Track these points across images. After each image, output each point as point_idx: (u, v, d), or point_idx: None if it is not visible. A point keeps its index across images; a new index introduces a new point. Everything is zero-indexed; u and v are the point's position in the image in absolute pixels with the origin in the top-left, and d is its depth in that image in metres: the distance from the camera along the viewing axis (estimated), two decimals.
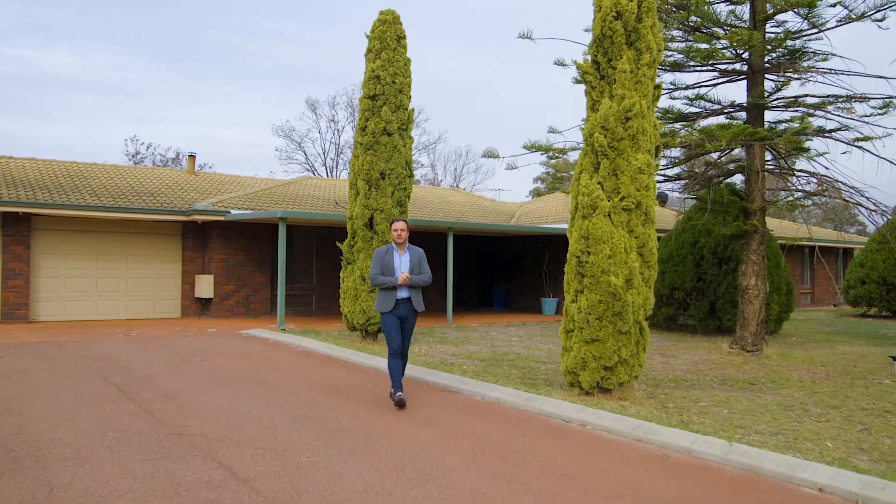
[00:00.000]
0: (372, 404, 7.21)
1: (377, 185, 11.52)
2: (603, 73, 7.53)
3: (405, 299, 7.21)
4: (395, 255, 7.24)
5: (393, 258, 7.21)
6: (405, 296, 7.20)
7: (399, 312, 7.20)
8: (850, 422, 6.59)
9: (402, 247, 7.31)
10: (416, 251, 7.40)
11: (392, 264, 7.17)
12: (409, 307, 7.25)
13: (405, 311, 7.23)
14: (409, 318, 7.29)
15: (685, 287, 15.13)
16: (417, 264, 7.27)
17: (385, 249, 7.28)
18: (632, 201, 7.19)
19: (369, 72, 11.65)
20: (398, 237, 7.26)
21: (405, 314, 7.23)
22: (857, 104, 10.67)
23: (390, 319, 7.20)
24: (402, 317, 7.23)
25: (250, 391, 7.76)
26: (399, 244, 7.29)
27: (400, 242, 7.28)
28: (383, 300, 7.20)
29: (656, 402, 7.36)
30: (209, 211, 16.45)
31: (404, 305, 7.21)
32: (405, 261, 7.25)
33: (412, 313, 7.31)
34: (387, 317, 7.21)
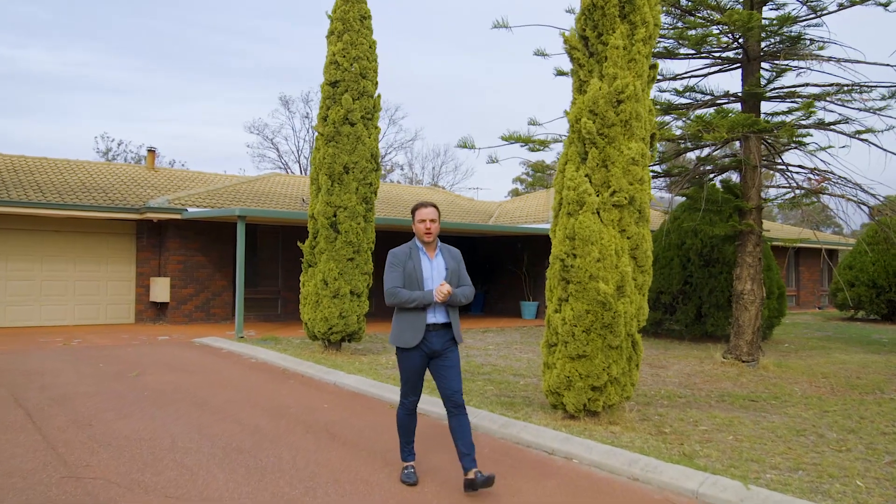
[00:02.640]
0: (322, 432, 6.18)
1: (340, 181, 10.49)
2: (592, 50, 6.58)
3: (440, 326, 4.77)
4: (422, 260, 4.85)
5: (420, 264, 4.83)
6: (441, 320, 4.77)
7: (430, 346, 4.75)
8: (875, 451, 5.70)
9: (433, 247, 4.92)
10: (453, 253, 5.02)
11: (419, 274, 4.79)
12: (447, 337, 4.81)
13: (440, 344, 4.77)
14: (449, 354, 4.81)
15: (672, 291, 14.29)
16: (456, 273, 4.89)
17: (405, 251, 4.89)
18: (624, 196, 6.24)
19: (330, 55, 10.61)
20: (426, 232, 4.83)
21: (440, 348, 4.78)
22: (860, 94, 9.85)
23: (414, 359, 4.77)
24: (436, 353, 4.78)
25: (183, 415, 6.70)
26: (427, 243, 4.89)
27: (429, 241, 4.87)
28: (406, 328, 4.76)
29: (651, 426, 6.43)
30: (164, 209, 15.28)
31: (439, 335, 4.76)
32: (438, 267, 4.87)
33: (451, 346, 4.83)
34: (409, 355, 4.77)
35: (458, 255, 5.07)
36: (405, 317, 4.79)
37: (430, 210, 4.88)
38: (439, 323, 4.79)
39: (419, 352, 4.76)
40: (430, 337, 4.75)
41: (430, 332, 4.75)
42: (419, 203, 4.92)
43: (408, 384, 4.88)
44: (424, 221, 4.84)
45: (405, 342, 4.75)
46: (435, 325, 4.77)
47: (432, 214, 4.86)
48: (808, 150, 10.41)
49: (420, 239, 4.89)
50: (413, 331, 4.73)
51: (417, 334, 4.71)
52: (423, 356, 4.77)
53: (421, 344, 4.73)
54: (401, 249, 4.90)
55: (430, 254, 4.90)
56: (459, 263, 4.99)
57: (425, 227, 4.83)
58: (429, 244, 4.89)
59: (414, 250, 4.89)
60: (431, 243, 4.90)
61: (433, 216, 4.85)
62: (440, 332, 4.79)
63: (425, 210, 4.87)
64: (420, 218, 4.86)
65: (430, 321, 4.76)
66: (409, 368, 4.81)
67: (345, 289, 10.35)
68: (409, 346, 4.73)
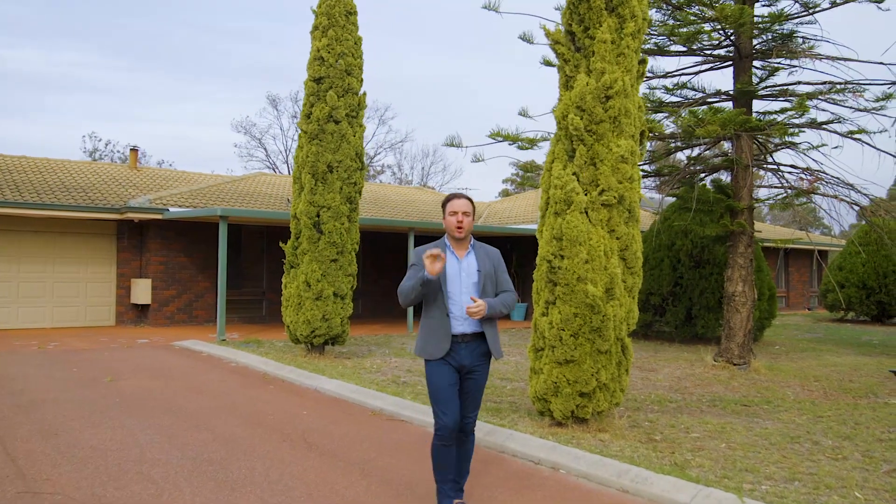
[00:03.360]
0: (299, 441, 5.92)
1: (324, 180, 10.22)
2: (579, 45, 6.36)
3: (471, 336, 4.14)
4: (449, 259, 4.17)
5: (446, 265, 4.15)
6: (471, 329, 4.14)
7: (458, 360, 4.11)
8: (872, 459, 5.50)
9: (464, 245, 4.23)
10: (489, 253, 4.33)
11: (442, 275, 4.10)
12: (479, 350, 4.18)
13: (469, 358, 4.14)
14: (478, 370, 4.20)
15: (661, 292, 14.11)
16: (491, 276, 4.24)
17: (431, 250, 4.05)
18: (613, 195, 6.02)
19: (314, 51, 10.34)
20: (458, 226, 4.15)
21: (470, 363, 4.14)
22: (852, 93, 9.69)
23: (442, 372, 4.08)
24: (464, 368, 4.14)
25: (155, 423, 6.42)
26: (458, 240, 4.20)
27: (460, 237, 4.18)
28: (429, 337, 4.13)
29: (641, 433, 6.21)
30: (146, 208, 14.95)
31: (469, 348, 4.14)
32: (468, 269, 4.20)
33: (482, 362, 4.22)
34: (437, 368, 4.10)
35: (497, 255, 4.33)
36: (428, 323, 4.15)
37: (463, 202, 4.18)
38: (468, 333, 4.11)
39: (446, 365, 4.08)
40: (459, 349, 4.10)
41: (459, 343, 4.10)
42: (451, 194, 4.29)
43: (439, 402, 4.07)
44: (456, 214, 4.15)
45: (429, 353, 4.11)
46: (464, 335, 4.10)
47: (465, 206, 4.16)
48: (800, 149, 10.25)
49: (450, 234, 4.19)
50: (437, 340, 4.08)
51: (442, 345, 4.07)
52: (451, 369, 4.09)
53: (447, 356, 4.08)
54: (424, 247, 4.14)
55: (459, 252, 4.19)
56: (497, 265, 4.28)
57: (457, 221, 4.13)
58: (460, 241, 4.20)
59: (440, 248, 4.14)
60: (463, 241, 4.21)
61: (466, 208, 4.16)
62: (471, 344, 4.13)
63: (458, 202, 4.18)
64: (451, 210, 4.18)
65: (458, 330, 4.09)
66: (438, 383, 4.07)
67: (328, 291, 10.08)
68: (434, 357, 4.08)
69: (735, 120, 8.55)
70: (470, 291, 4.13)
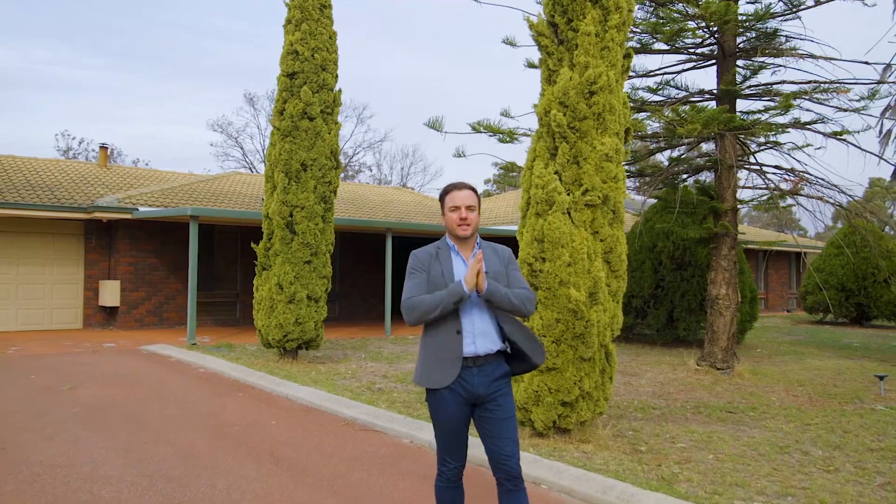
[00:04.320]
0: (266, 455, 5.58)
1: (298, 178, 9.86)
2: (562, 38, 6.08)
3: (484, 359, 3.30)
4: (455, 262, 3.41)
5: (452, 267, 3.39)
6: (485, 349, 3.30)
7: (470, 388, 3.27)
8: (864, 471, 5.29)
9: (469, 245, 3.44)
10: (499, 252, 3.53)
11: (449, 281, 3.34)
12: (496, 374, 3.32)
13: (484, 385, 3.28)
14: (499, 395, 3.31)
15: (643, 294, 13.93)
16: (503, 277, 3.43)
17: (430, 252, 3.45)
18: (597, 195, 5.76)
19: (287, 46, 9.98)
20: (461, 223, 3.37)
21: (485, 391, 3.28)
22: (835, 93, 9.54)
23: (448, 405, 3.28)
24: (480, 398, 3.29)
25: (112, 435, 6.04)
26: (463, 240, 3.41)
27: (465, 236, 3.39)
28: (432, 360, 3.32)
29: (626, 443, 5.95)
30: (114, 208, 14.46)
31: (483, 372, 3.28)
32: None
33: (502, 387, 3.34)
34: (441, 399, 3.29)
35: (508, 253, 3.54)
36: (431, 342, 3.30)
37: (466, 193, 3.38)
38: (482, 355, 3.27)
39: (454, 395, 3.25)
40: (469, 375, 3.25)
41: (469, 367, 3.25)
42: (450, 185, 3.46)
43: (443, 443, 3.33)
44: (458, 209, 3.35)
45: (436, 380, 3.26)
46: (476, 358, 3.26)
47: (469, 199, 3.37)
48: (783, 150, 10.08)
49: (452, 233, 3.40)
50: (444, 364, 3.25)
51: (450, 369, 3.23)
52: (460, 401, 3.25)
53: (456, 382, 3.24)
54: (423, 250, 3.45)
55: (464, 254, 3.41)
56: (508, 265, 3.49)
57: (459, 217, 3.35)
58: (465, 241, 3.40)
59: (443, 250, 3.42)
60: (468, 240, 3.40)
61: (470, 201, 3.36)
62: (485, 367, 3.27)
63: (459, 193, 3.38)
64: (452, 204, 3.37)
65: (469, 351, 3.25)
66: (444, 423, 3.29)
67: (301, 293, 9.73)
68: (439, 385, 3.26)
69: (718, 118, 8.34)
70: (481, 300, 3.31)
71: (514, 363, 3.43)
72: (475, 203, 3.42)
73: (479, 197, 3.47)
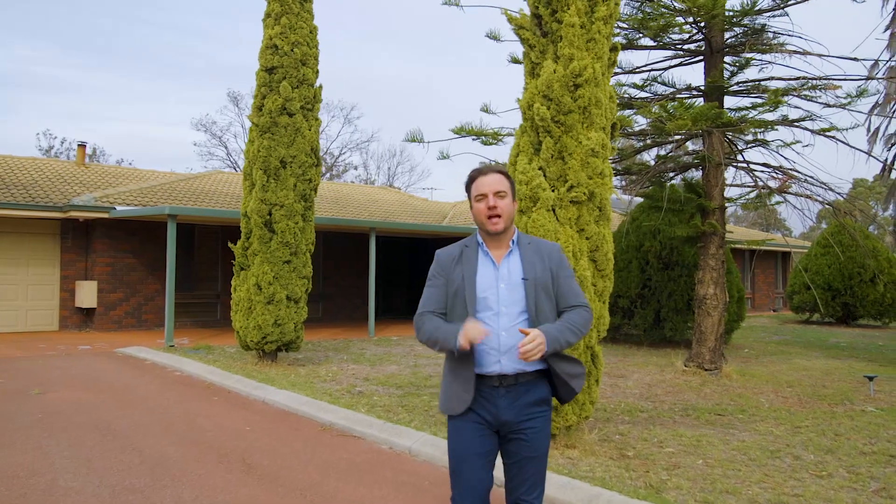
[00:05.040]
0: (238, 462, 5.33)
1: (277, 176, 9.60)
2: (546, 29, 5.88)
3: (514, 378, 2.74)
4: (481, 265, 2.81)
5: (476, 271, 2.79)
6: (514, 368, 2.72)
7: (496, 413, 2.74)
8: (858, 476, 5.12)
9: (503, 242, 2.83)
10: (543, 250, 2.86)
11: (471, 289, 2.76)
12: (532, 397, 2.77)
13: (513, 410, 2.74)
14: (530, 426, 2.75)
15: (630, 294, 13.77)
16: (545, 286, 2.78)
17: (453, 253, 2.87)
18: (583, 192, 5.56)
19: (266, 40, 9.71)
20: (490, 214, 2.76)
21: (515, 416, 2.74)
22: (824, 90, 9.41)
23: (466, 434, 2.76)
24: (507, 425, 2.76)
25: (77, 443, 5.77)
26: (494, 235, 2.80)
27: (496, 230, 2.78)
28: (451, 384, 2.80)
29: (612, 448, 5.75)
30: (90, 207, 14.12)
31: (512, 395, 2.74)
32: (510, 276, 2.78)
33: (536, 414, 2.78)
34: (459, 425, 2.79)
35: (556, 252, 2.85)
36: (449, 362, 2.80)
37: (495, 178, 2.77)
38: (510, 374, 2.70)
39: (473, 422, 2.71)
40: (496, 398, 2.70)
41: (495, 388, 2.70)
42: (475, 170, 2.83)
43: (453, 476, 2.77)
44: (485, 198, 2.74)
45: (451, 408, 2.76)
46: (503, 377, 2.70)
47: (497, 184, 2.76)
48: (771, 147, 9.95)
49: (482, 227, 2.79)
50: (457, 387, 2.73)
51: (462, 394, 2.71)
52: (480, 429, 2.71)
53: (477, 408, 2.72)
54: (446, 251, 2.86)
55: (496, 253, 2.79)
56: (558, 268, 2.81)
57: (487, 208, 2.73)
58: (497, 237, 2.78)
59: (469, 250, 2.81)
60: (502, 236, 2.78)
61: (500, 186, 2.75)
62: (515, 389, 2.71)
63: (486, 179, 2.77)
64: (478, 192, 2.77)
65: (493, 370, 2.69)
66: (459, 452, 2.74)
67: (280, 294, 9.47)
68: (456, 411, 2.73)
69: (707, 115, 8.18)
70: (513, 313, 2.68)
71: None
72: (507, 188, 2.77)
73: (511, 181, 2.84)
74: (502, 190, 2.78)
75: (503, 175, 2.82)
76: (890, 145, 10.97)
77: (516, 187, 5.57)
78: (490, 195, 2.76)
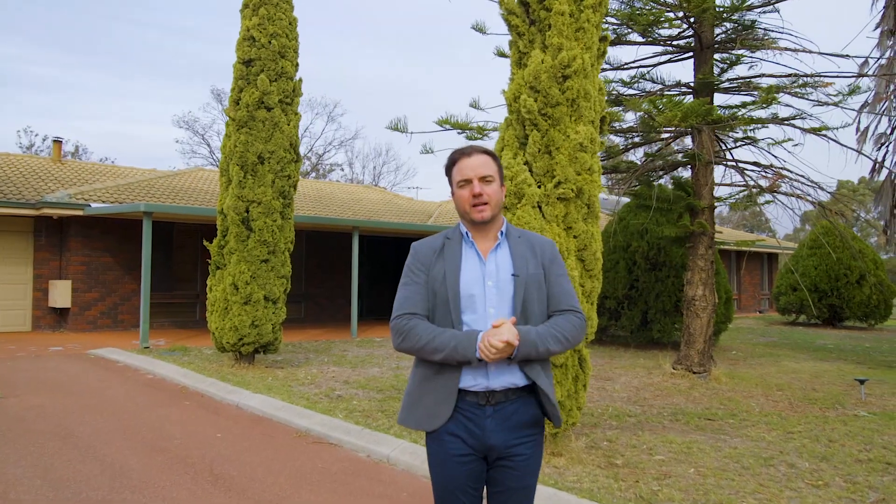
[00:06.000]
0: (205, 472, 5.03)
1: (254, 172, 9.28)
2: (533, 18, 5.62)
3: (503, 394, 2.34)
4: (465, 259, 2.42)
5: (459, 267, 2.40)
6: (502, 383, 2.33)
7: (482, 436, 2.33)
8: (856, 485, 4.90)
9: (490, 233, 2.45)
10: (535, 245, 2.49)
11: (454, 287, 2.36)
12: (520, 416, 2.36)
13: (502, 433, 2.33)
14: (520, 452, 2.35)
15: (617, 295, 13.56)
16: (539, 284, 2.42)
17: (433, 245, 2.47)
18: (571, 188, 5.30)
19: (244, 31, 9.38)
20: (475, 202, 2.40)
21: (503, 441, 2.33)
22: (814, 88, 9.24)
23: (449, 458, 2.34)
24: (494, 450, 2.34)
25: (36, 451, 5.43)
26: (480, 225, 2.43)
27: (482, 220, 2.41)
28: (421, 392, 2.39)
29: (600, 456, 5.50)
30: (64, 204, 13.70)
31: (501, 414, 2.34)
32: (499, 273, 2.40)
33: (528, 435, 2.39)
34: (440, 447, 2.36)
35: (550, 249, 2.50)
36: (423, 369, 2.39)
37: (480, 160, 2.42)
38: (496, 390, 2.32)
39: (456, 440, 2.32)
40: (479, 417, 2.32)
41: (481, 406, 2.32)
42: (457, 151, 2.46)
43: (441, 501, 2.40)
44: (469, 183, 2.40)
45: (416, 421, 2.37)
46: (491, 393, 2.32)
47: (484, 167, 2.41)
48: (760, 145, 9.76)
49: (466, 217, 2.43)
50: (433, 399, 2.34)
51: (440, 407, 2.32)
52: (467, 460, 2.33)
53: (458, 428, 2.32)
54: (426, 243, 2.48)
55: (482, 246, 2.43)
56: (550, 265, 2.45)
57: (471, 195, 2.39)
58: (483, 228, 2.43)
59: (452, 242, 2.44)
60: (489, 227, 2.44)
61: (486, 170, 2.41)
62: (505, 407, 2.33)
63: (469, 161, 2.42)
64: (461, 176, 2.42)
65: (480, 386, 2.31)
66: (437, 475, 2.38)
67: (258, 294, 9.15)
68: (426, 429, 2.36)
69: (698, 111, 7.96)
70: (501, 315, 2.33)
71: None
72: (494, 172, 2.42)
73: (499, 163, 2.47)
74: (489, 174, 2.41)
75: (490, 156, 2.45)
76: (879, 145, 10.83)
77: None
78: (475, 180, 2.40)
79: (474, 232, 2.46)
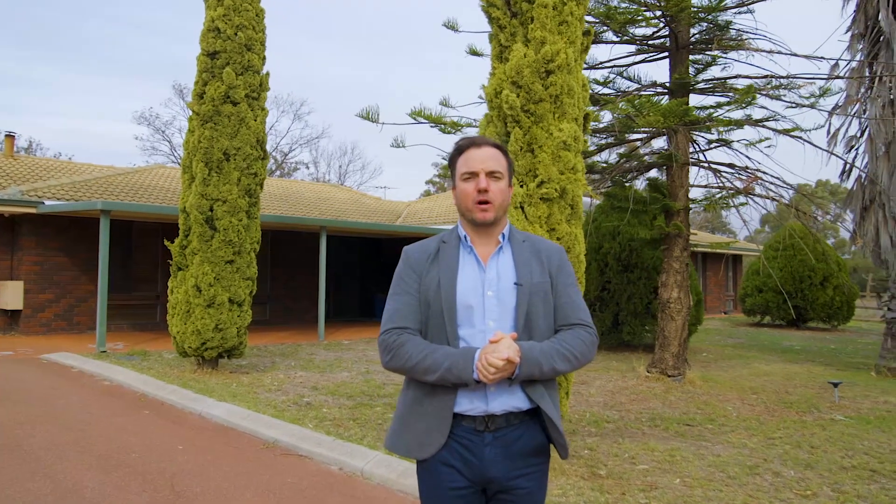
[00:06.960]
0: (165, 489, 4.68)
1: (219, 169, 8.89)
2: (515, 10, 5.40)
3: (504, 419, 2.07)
4: (463, 265, 2.15)
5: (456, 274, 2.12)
6: (504, 406, 2.06)
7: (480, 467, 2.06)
8: (845, 495, 4.78)
9: (492, 236, 2.18)
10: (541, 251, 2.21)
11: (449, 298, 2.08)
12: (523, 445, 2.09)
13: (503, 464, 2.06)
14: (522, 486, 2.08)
15: (589, 297, 13.44)
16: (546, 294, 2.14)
17: (427, 249, 2.20)
18: (554, 188, 5.09)
19: (208, 22, 8.99)
20: (479, 199, 2.12)
21: (505, 473, 2.06)
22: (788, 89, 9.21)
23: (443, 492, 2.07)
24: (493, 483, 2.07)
25: None
26: (483, 227, 2.16)
27: (485, 220, 2.13)
28: (412, 415, 2.12)
29: (583, 466, 5.30)
30: (16, 201, 13.08)
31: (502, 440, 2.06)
32: (500, 281, 2.12)
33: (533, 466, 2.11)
34: (432, 478, 2.09)
35: (558, 255, 2.23)
36: (413, 391, 2.14)
37: (489, 152, 2.16)
38: (496, 415, 2.06)
39: (451, 470, 2.06)
40: (477, 445, 2.06)
41: (479, 432, 2.07)
42: (466, 139, 2.21)
43: None
44: (476, 176, 2.13)
45: (405, 447, 2.12)
46: (491, 417, 2.06)
47: (493, 161, 2.15)
48: (734, 147, 9.72)
49: (467, 215, 2.17)
50: (425, 423, 2.09)
51: (432, 434, 2.06)
52: (459, 482, 2.07)
53: (448, 454, 2.07)
54: (419, 247, 2.22)
55: (482, 250, 2.17)
56: (557, 272, 2.19)
57: (476, 191, 2.13)
58: (484, 230, 2.17)
59: (448, 246, 2.18)
60: (490, 229, 2.17)
61: (495, 165, 2.15)
62: (505, 435, 2.07)
63: (477, 153, 2.15)
64: (467, 168, 2.15)
65: (478, 410, 2.06)
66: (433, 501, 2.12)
67: (222, 296, 8.77)
68: (416, 456, 2.11)
69: (676, 111, 7.84)
70: (503, 329, 2.07)
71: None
72: (503, 169, 2.16)
73: (510, 161, 2.22)
74: (498, 170, 2.15)
75: (501, 151, 2.19)
76: (850, 147, 10.89)
77: None
78: (482, 175, 2.12)
79: (474, 234, 2.20)
